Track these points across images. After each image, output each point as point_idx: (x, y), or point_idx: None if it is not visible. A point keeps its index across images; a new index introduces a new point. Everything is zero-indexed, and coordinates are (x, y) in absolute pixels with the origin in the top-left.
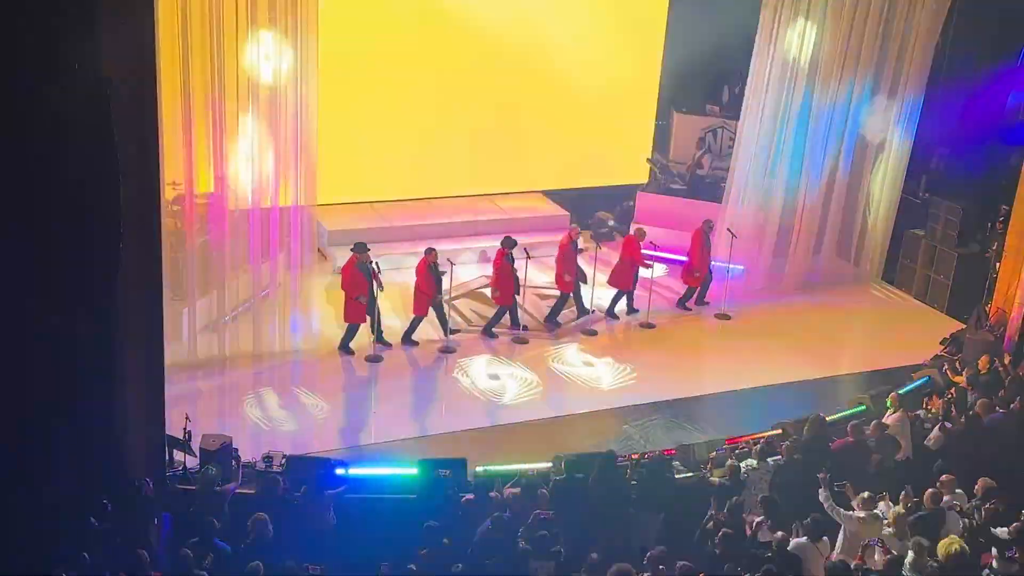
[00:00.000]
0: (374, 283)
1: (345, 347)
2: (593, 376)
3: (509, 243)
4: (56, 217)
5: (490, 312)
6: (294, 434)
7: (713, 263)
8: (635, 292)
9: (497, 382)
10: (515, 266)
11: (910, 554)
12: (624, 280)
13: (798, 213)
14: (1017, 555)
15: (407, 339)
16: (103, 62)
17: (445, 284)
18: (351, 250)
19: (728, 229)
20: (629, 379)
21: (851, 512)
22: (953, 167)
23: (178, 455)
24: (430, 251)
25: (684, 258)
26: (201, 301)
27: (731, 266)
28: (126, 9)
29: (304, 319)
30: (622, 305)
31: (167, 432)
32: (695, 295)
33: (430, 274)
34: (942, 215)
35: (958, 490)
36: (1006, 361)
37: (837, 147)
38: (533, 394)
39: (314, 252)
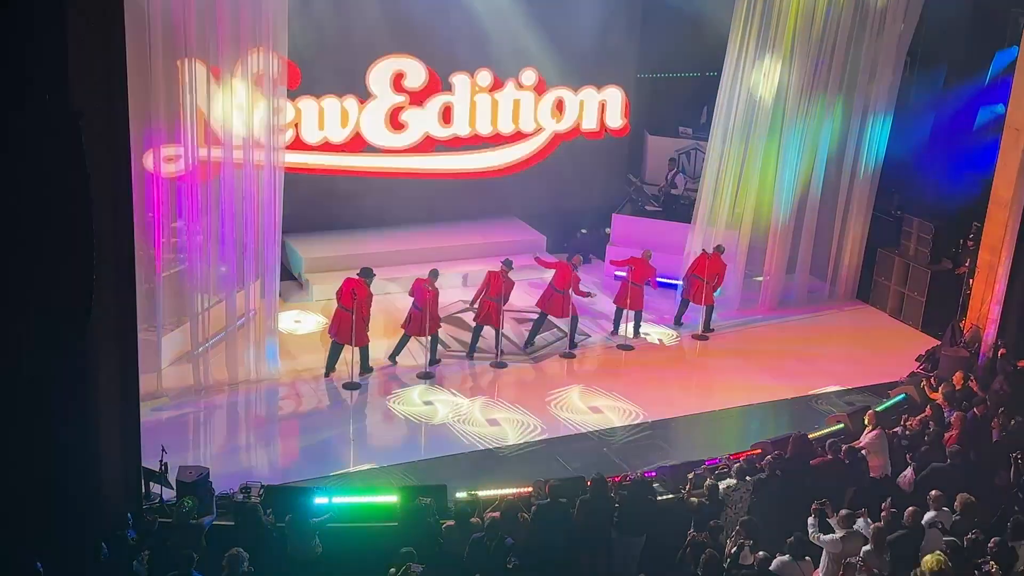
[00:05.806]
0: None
1: (331, 367)
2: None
3: (509, 265)
4: (28, 250)
5: (467, 337)
6: (272, 464)
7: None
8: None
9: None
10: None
11: None
12: (637, 300)
13: (772, 233)
14: (993, 568)
15: (434, 362)
16: (73, 94)
17: None
18: (358, 275)
19: (704, 250)
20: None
21: (832, 534)
22: (924, 185)
23: (155, 487)
24: (436, 273)
25: (678, 281)
26: (176, 331)
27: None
28: (95, 41)
29: (280, 347)
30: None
31: (143, 464)
32: (677, 315)
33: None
34: (915, 232)
35: (945, 508)
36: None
37: (808, 166)
38: (513, 419)
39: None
